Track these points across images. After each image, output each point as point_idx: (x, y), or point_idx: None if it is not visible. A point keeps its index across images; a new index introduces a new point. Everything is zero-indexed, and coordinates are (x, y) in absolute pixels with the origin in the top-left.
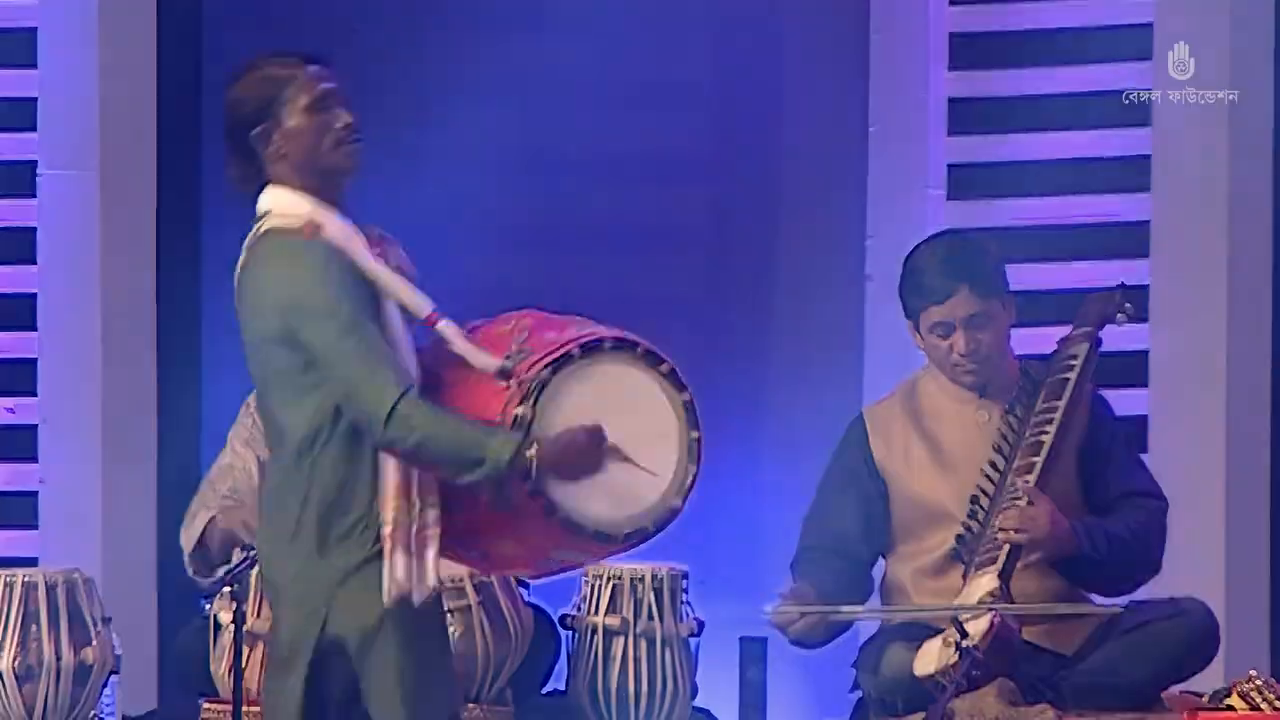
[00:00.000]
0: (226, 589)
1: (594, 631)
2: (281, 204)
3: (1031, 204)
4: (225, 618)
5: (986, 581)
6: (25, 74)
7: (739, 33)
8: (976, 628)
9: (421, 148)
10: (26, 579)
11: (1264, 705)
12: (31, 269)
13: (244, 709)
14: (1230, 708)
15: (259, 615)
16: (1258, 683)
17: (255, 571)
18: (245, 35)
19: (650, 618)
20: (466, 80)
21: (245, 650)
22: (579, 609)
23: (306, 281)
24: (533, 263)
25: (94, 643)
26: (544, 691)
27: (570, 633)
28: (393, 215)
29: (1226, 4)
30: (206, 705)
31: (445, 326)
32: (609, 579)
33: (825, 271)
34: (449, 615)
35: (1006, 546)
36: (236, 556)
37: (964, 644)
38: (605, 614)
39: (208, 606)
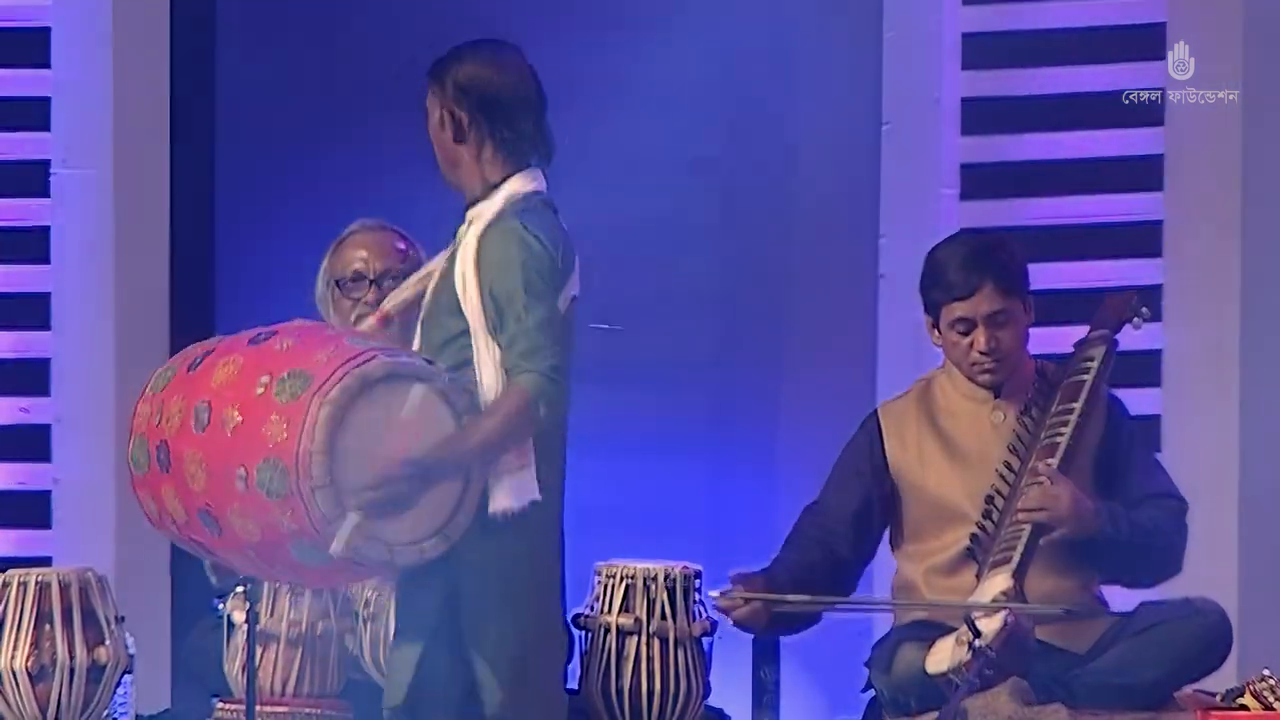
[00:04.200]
0: (240, 589)
1: (607, 631)
2: None
3: (1044, 203)
4: (239, 617)
5: (1000, 581)
6: (39, 74)
7: (751, 32)
8: (990, 627)
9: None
10: (40, 578)
11: (1277, 705)
12: (45, 268)
13: (257, 708)
14: (1243, 707)
15: (272, 614)
16: (1271, 682)
17: None
18: (258, 34)
19: (663, 617)
20: None
21: (258, 650)
22: (592, 608)
23: None
24: None
25: (107, 642)
26: None
27: (583, 632)
28: (410, 215)
29: (1238, 3)
30: (220, 705)
31: None
32: (622, 579)
33: (839, 270)
34: None
35: (1022, 542)
36: None
37: (977, 643)
38: (618, 613)
39: (221, 606)
